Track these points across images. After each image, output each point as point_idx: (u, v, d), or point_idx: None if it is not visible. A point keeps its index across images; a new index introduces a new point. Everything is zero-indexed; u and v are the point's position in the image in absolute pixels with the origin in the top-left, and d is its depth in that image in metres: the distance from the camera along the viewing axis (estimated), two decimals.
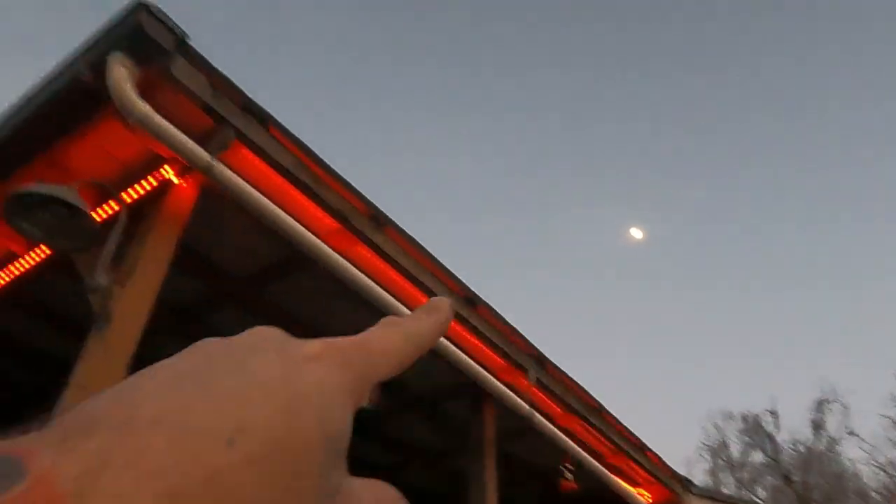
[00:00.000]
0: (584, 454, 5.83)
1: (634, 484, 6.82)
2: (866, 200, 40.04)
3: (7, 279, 4.23)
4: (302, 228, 3.75)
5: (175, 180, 3.47)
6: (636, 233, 43.20)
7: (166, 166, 3.44)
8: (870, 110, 41.45)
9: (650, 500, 7.07)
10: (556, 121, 50.79)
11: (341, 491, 0.23)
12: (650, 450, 6.94)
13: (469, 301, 4.93)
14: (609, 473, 6.19)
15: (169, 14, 3.21)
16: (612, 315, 48.78)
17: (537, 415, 5.25)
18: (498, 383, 5.04)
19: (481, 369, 4.97)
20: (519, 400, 5.15)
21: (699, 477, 24.11)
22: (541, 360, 5.52)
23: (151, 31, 3.09)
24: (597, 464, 5.99)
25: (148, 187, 3.54)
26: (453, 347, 4.73)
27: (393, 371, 0.27)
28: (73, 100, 3.32)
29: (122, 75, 3.04)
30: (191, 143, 3.21)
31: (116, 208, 3.62)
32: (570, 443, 5.67)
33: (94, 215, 3.27)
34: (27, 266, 4.12)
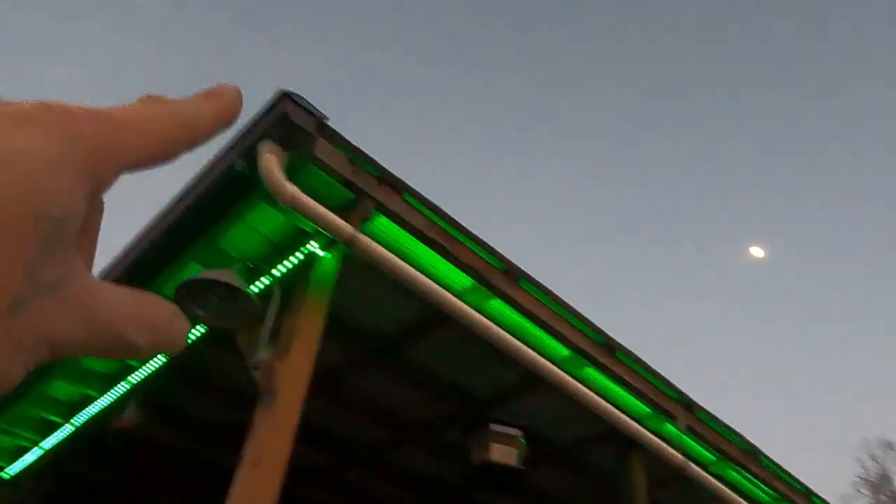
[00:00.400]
0: None
1: None
2: None
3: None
4: (439, 288, 3.79)
5: (320, 253, 3.63)
6: (756, 251, 40.65)
7: (312, 241, 3.61)
8: None
9: None
10: (677, 138, 49.22)
11: (70, 288, 0.19)
12: (818, 496, 6.33)
13: (608, 348, 4.76)
14: None
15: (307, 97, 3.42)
16: (736, 339, 45.78)
17: (692, 465, 4.93)
18: (646, 432, 4.80)
19: (626, 418, 4.76)
20: (670, 449, 4.87)
21: None
22: (688, 405, 5.22)
23: (295, 118, 3.29)
24: None
25: (296, 261, 3.72)
26: (594, 395, 4.57)
27: (150, 152, 0.22)
28: (227, 186, 3.57)
29: (271, 161, 3.24)
30: (336, 219, 3.35)
31: (267, 282, 3.85)
32: (729, 492, 5.28)
33: (251, 294, 3.47)
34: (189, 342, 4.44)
